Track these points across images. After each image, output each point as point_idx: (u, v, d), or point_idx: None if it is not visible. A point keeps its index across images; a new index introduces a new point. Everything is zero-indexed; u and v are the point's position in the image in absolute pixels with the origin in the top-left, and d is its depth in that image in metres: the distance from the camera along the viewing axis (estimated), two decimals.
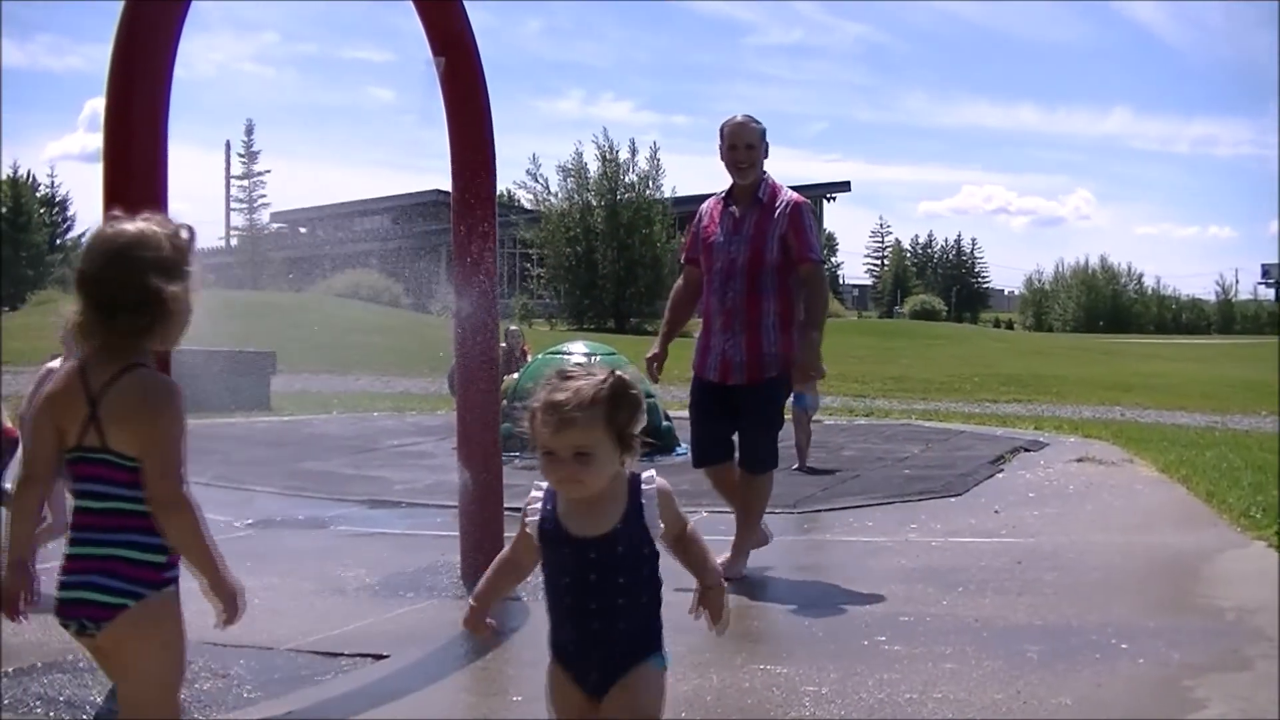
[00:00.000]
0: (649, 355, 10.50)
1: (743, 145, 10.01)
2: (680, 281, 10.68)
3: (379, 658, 7.64)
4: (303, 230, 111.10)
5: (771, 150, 10.11)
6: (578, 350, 19.57)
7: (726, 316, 9.92)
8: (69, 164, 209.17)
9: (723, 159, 10.12)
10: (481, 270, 9.75)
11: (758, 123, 10.10)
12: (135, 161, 7.24)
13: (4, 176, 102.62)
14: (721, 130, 10.09)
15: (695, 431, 10.31)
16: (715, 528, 12.12)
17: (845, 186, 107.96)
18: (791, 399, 17.52)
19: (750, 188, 10.04)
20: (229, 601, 4.65)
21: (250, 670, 7.41)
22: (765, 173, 10.12)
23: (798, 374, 9.84)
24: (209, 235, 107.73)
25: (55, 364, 4.45)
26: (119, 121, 7.26)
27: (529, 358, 21.35)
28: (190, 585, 4.40)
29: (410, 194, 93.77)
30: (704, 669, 7.27)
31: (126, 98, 7.27)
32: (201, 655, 7.52)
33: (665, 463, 17.21)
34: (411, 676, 7.36)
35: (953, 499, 13.75)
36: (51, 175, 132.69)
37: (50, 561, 4.66)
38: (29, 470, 4.56)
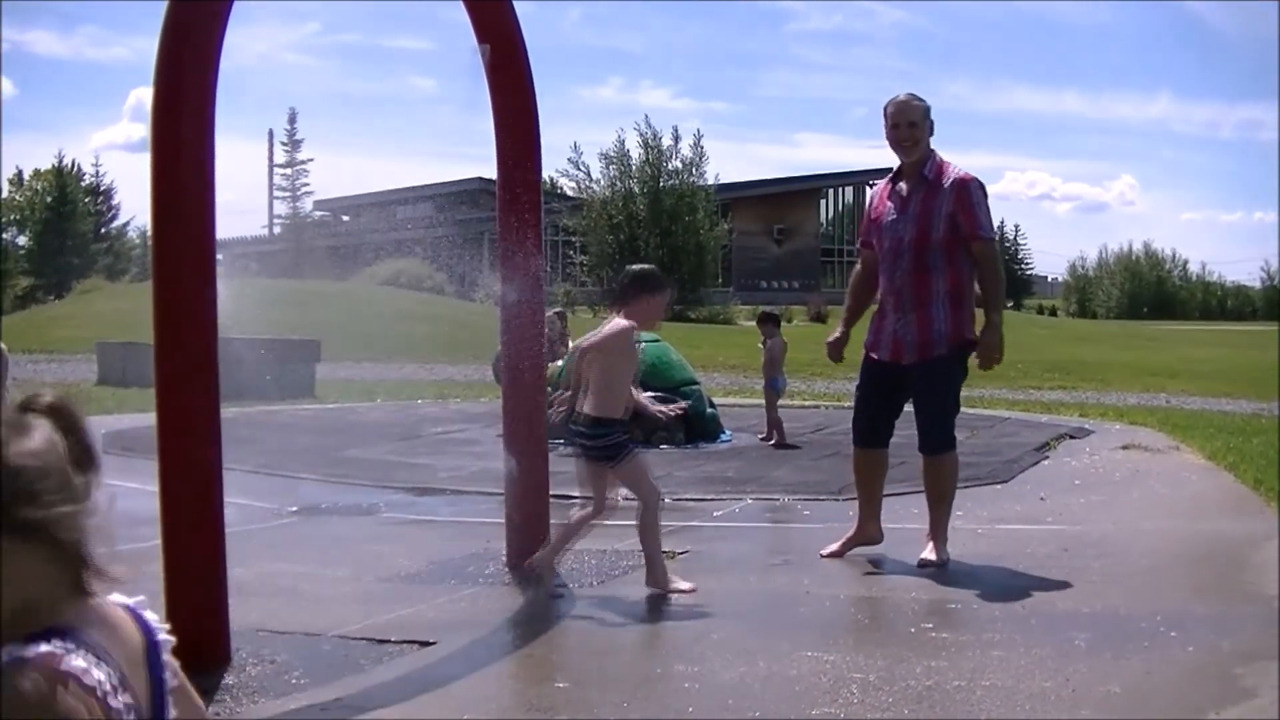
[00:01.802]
0: (830, 339, 10.46)
1: (905, 123, 9.95)
2: (858, 265, 10.62)
3: (426, 644, 7.65)
4: (345, 219, 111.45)
5: (811, 137, 10.07)
6: None
7: (897, 296, 9.87)
8: (114, 153, 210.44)
9: (887, 138, 10.08)
10: (528, 259, 9.75)
11: (920, 100, 10.02)
12: (183, 152, 7.27)
13: (49, 166, 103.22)
14: (885, 110, 10.05)
15: (860, 411, 10.25)
16: (760, 514, 12.17)
17: (887, 173, 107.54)
18: (769, 380, 17.81)
19: (916, 165, 9.96)
20: None
21: (298, 657, 7.43)
22: (932, 150, 10.04)
23: (982, 356, 9.77)
24: (252, 224, 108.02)
25: None
26: (167, 113, 7.29)
27: (570, 344, 21.34)
28: (236, 575, 4.40)
29: (453, 182, 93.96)
30: (750, 657, 7.26)
31: (174, 89, 7.29)
32: (249, 642, 7.56)
33: (709, 450, 17.21)
34: (459, 663, 7.38)
35: (998, 486, 13.70)
36: (96, 165, 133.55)
37: None
38: None
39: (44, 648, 2.15)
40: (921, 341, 9.78)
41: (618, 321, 9.17)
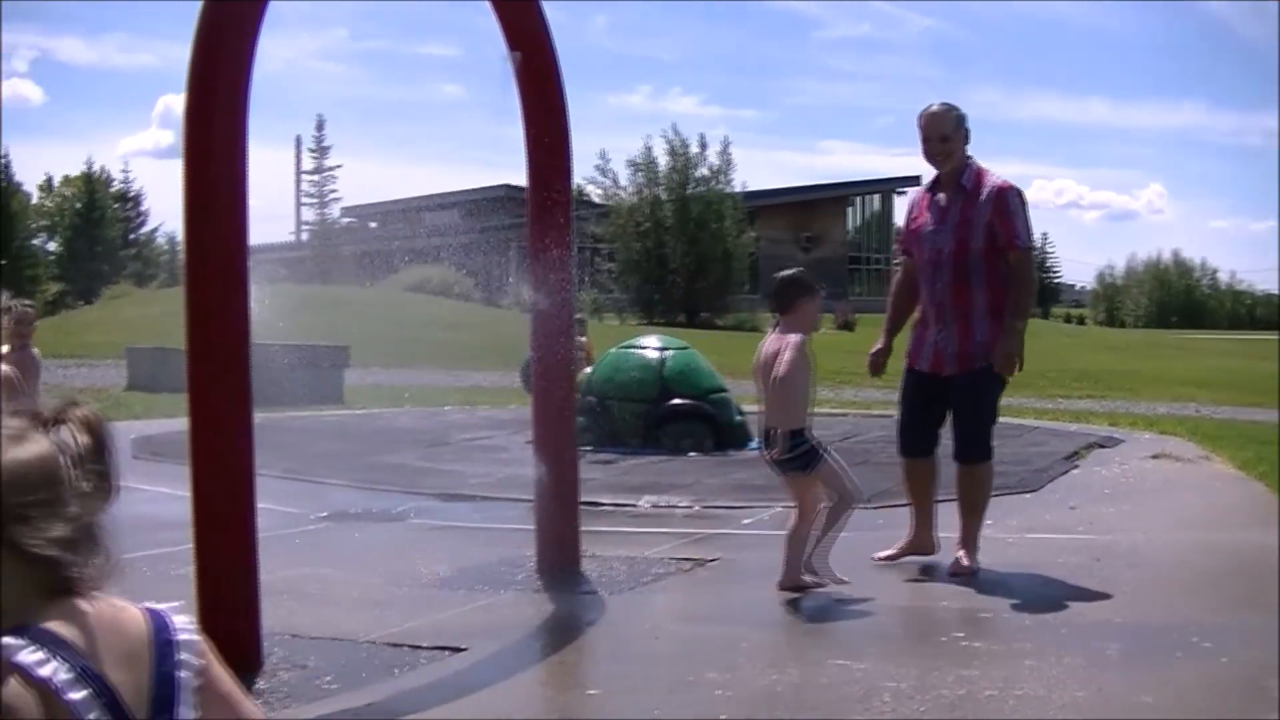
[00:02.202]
0: (873, 350, 10.45)
1: (936, 138, 9.92)
2: (899, 274, 10.60)
3: (457, 650, 7.65)
4: (373, 225, 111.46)
5: (838, 145, 10.05)
6: (651, 343, 19.54)
7: (938, 307, 9.85)
8: (142, 160, 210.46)
9: (921, 151, 10.04)
10: (558, 266, 9.76)
11: (952, 109, 9.97)
12: (216, 158, 7.29)
13: (79, 173, 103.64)
14: (918, 121, 10.00)
15: (903, 422, 10.24)
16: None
17: (914, 180, 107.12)
18: None
19: (953, 175, 9.93)
20: None
21: (329, 662, 7.44)
22: (969, 158, 9.99)
23: (999, 361, 9.69)
24: (280, 230, 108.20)
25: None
26: (200, 118, 7.30)
27: (590, 353, 21.35)
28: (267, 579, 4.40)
29: (480, 189, 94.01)
30: (782, 664, 7.27)
31: (207, 95, 7.31)
32: (280, 647, 7.58)
33: (737, 458, 17.19)
34: (490, 670, 7.38)
35: (1028, 495, 13.66)
36: (125, 171, 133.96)
37: None
38: None
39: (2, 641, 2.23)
40: (962, 353, 9.76)
41: (791, 338, 9.14)
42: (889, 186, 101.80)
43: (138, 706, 2.35)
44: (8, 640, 2.25)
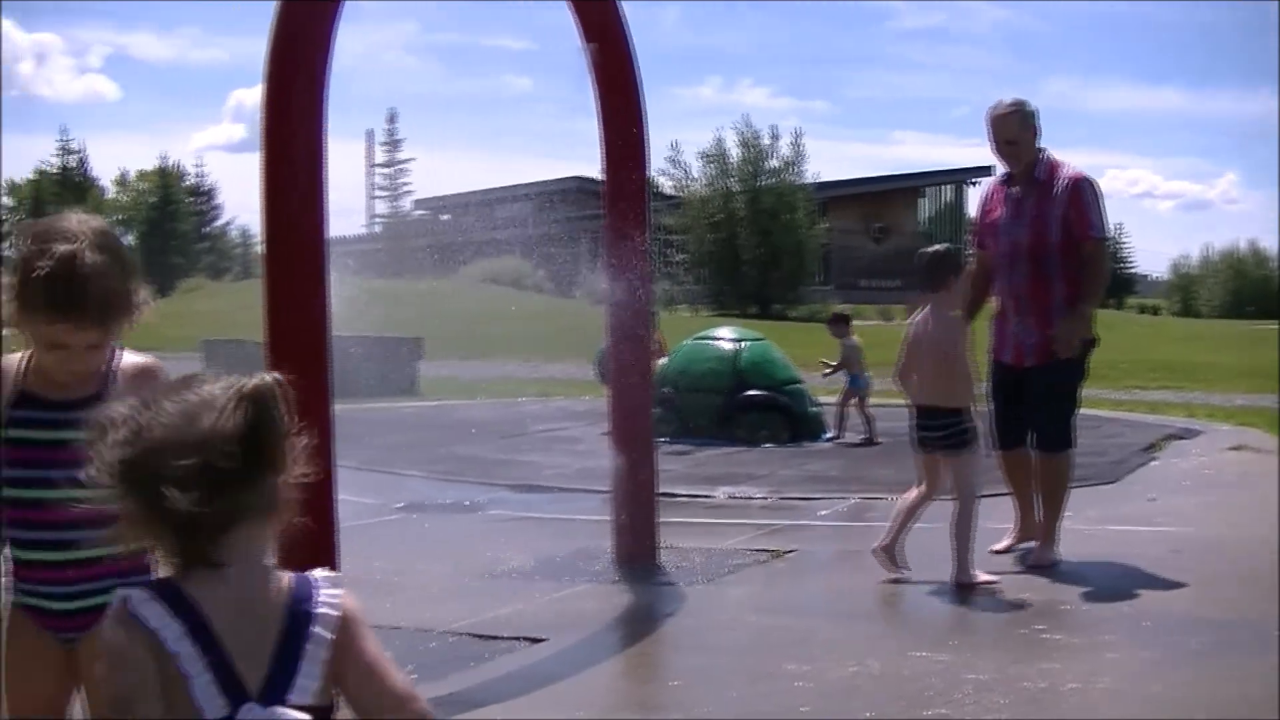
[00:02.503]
0: None
1: (1003, 140, 9.96)
2: (974, 266, 10.57)
3: (537, 641, 7.67)
4: (444, 217, 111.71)
5: (910, 135, 10.02)
6: (726, 335, 19.54)
7: (1016, 300, 9.83)
8: (215, 154, 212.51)
9: (991, 150, 10.12)
10: (634, 258, 9.76)
11: (1018, 108, 9.97)
12: (295, 153, 7.31)
13: (153, 167, 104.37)
14: (987, 120, 10.03)
15: (996, 414, 10.20)
16: (865, 513, 12.12)
17: (986, 171, 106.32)
18: (849, 379, 17.78)
19: (1026, 169, 9.94)
20: None
21: (409, 652, 7.46)
22: (1041, 150, 10.00)
23: (1060, 341, 9.64)
24: (352, 224, 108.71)
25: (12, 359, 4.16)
26: (278, 112, 7.33)
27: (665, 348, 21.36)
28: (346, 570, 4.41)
29: (551, 180, 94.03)
30: (860, 656, 7.24)
31: (286, 89, 7.33)
32: None
33: (812, 449, 17.17)
34: (569, 660, 7.40)
35: (1106, 486, 13.55)
36: (198, 165, 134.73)
37: None
38: None
39: (128, 591, 2.53)
40: (1041, 345, 9.72)
41: (950, 315, 9.21)
42: (961, 177, 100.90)
43: (255, 670, 2.49)
44: (133, 591, 2.53)
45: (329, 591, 2.62)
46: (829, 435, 17.97)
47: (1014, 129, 9.91)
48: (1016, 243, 9.79)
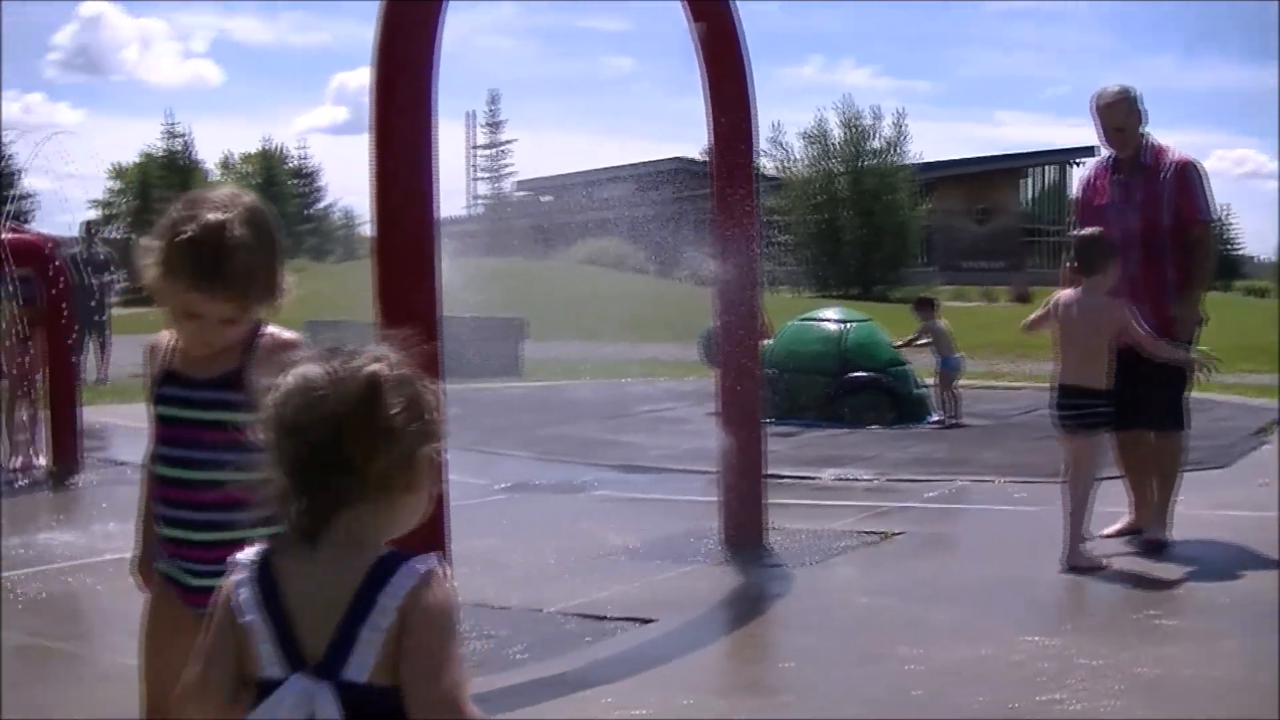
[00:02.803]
0: (1035, 315, 10.40)
1: (1112, 128, 9.96)
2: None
3: (646, 622, 7.67)
4: (545, 199, 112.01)
5: (1013, 115, 9.95)
6: (831, 316, 19.49)
7: (1130, 284, 9.77)
8: (317, 136, 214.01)
9: (1098, 135, 10.11)
10: (742, 238, 9.73)
11: (1124, 96, 9.93)
12: (404, 139, 7.35)
13: (256, 150, 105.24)
14: (1093, 106, 9.99)
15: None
16: (973, 496, 12.05)
17: (1090, 151, 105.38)
18: (940, 360, 17.68)
19: (1132, 154, 9.94)
20: None
21: (518, 632, 7.50)
22: (1144, 134, 9.99)
23: (1179, 325, 9.65)
24: (452, 205, 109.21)
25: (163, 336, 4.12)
26: (388, 94, 7.36)
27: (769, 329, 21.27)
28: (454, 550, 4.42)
29: (651, 162, 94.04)
30: (972, 640, 7.19)
31: (394, 72, 7.37)
32: (470, 617, 7.63)
33: (918, 431, 17.09)
34: (678, 641, 7.39)
35: (1216, 471, 13.37)
36: (301, 147, 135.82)
37: None
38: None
39: (238, 556, 2.73)
40: (1154, 328, 9.63)
41: (1100, 298, 9.18)
42: (1065, 158, 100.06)
43: (318, 644, 2.56)
44: (239, 557, 2.71)
45: (403, 580, 2.59)
46: (934, 418, 17.86)
47: (1121, 116, 9.88)
48: (1126, 228, 9.72)
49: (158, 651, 4.11)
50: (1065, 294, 9.33)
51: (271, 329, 4.12)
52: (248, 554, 2.71)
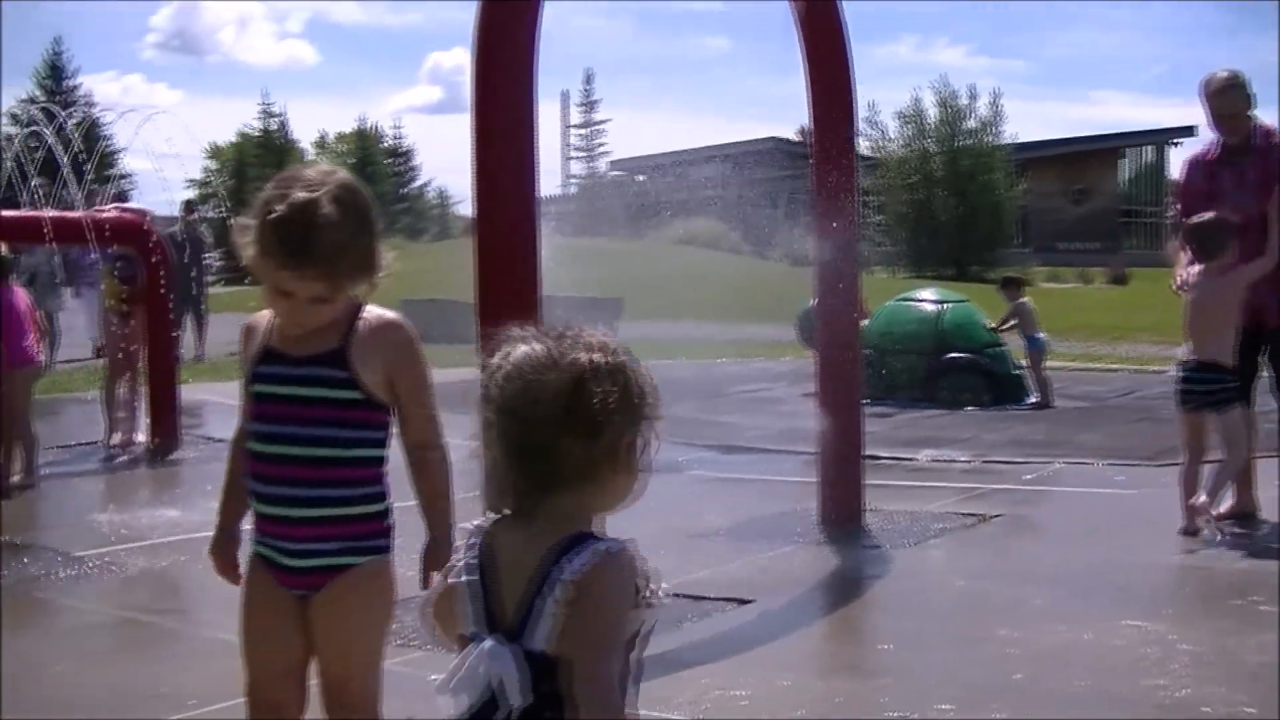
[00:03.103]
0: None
1: (1223, 115, 9.91)
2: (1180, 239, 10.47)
3: (744, 602, 7.66)
4: (640, 178, 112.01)
5: (1110, 95, 9.88)
6: (927, 296, 19.41)
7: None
8: (412, 116, 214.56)
9: (1208, 121, 10.05)
10: (842, 217, 9.69)
11: (1234, 82, 9.88)
12: (505, 119, 7.38)
13: (351, 129, 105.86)
14: (1202, 92, 9.93)
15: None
16: (1072, 478, 11.95)
17: (1190, 131, 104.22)
18: (1025, 341, 17.56)
19: (1243, 138, 9.89)
20: (430, 561, 4.18)
21: None
22: (1250, 117, 9.94)
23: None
24: (547, 184, 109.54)
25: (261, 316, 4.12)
26: (489, 75, 7.39)
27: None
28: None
29: (746, 141, 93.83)
30: (1073, 624, 7.14)
31: (495, 57, 7.39)
32: None
33: (1015, 412, 16.98)
34: (778, 622, 7.39)
35: None
36: (396, 127, 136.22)
37: None
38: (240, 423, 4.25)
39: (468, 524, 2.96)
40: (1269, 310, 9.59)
41: (1221, 278, 9.24)
42: (1163, 138, 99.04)
43: (512, 611, 2.78)
44: (475, 523, 2.93)
45: (582, 558, 2.78)
46: (1031, 399, 17.74)
47: (1231, 103, 9.82)
48: (1241, 212, 9.61)
49: (256, 634, 4.12)
50: (1193, 270, 9.32)
51: (371, 309, 4.12)
52: (478, 522, 2.93)
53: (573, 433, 2.76)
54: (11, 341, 11.44)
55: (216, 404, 16.19)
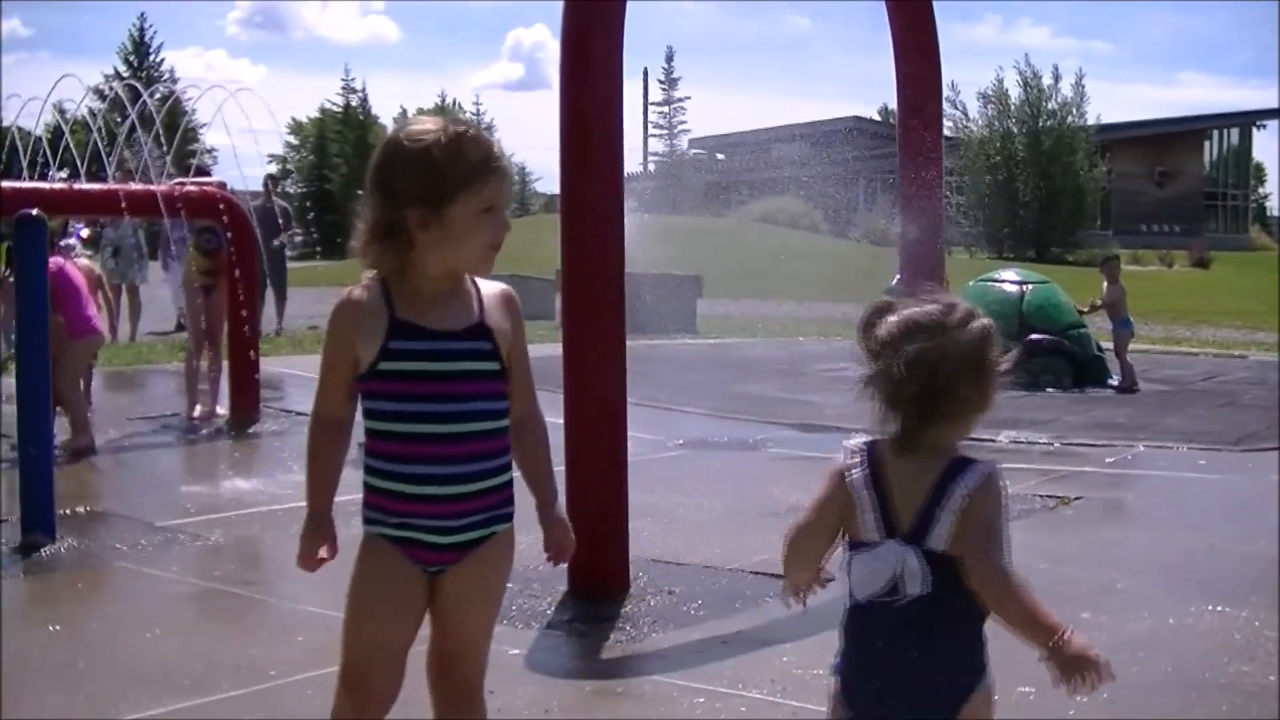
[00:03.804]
0: None
1: None
2: None
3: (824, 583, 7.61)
4: (720, 156, 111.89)
5: (1194, 77, 9.79)
6: (1009, 277, 19.30)
7: None
8: (493, 92, 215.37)
9: None
10: (928, 196, 9.64)
11: None
12: (594, 95, 7.37)
13: (432, 105, 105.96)
14: None
15: None
16: (1154, 462, 11.88)
17: (1276, 114, 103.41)
18: (1114, 324, 17.44)
19: None
20: (567, 532, 4.23)
21: (696, 588, 7.52)
22: None
23: None
24: (628, 161, 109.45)
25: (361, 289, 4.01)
26: (579, 52, 7.37)
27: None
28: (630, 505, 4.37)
29: (826, 120, 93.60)
30: (1157, 609, 7.12)
31: (584, 35, 7.37)
32: (646, 571, 7.68)
33: (1096, 395, 16.86)
34: None
35: None
36: (476, 103, 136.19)
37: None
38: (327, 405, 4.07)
39: (847, 443, 3.63)
40: None
41: None
42: (1248, 120, 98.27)
43: (907, 522, 3.44)
44: (849, 444, 3.60)
45: (972, 477, 3.44)
46: (1113, 382, 17.60)
47: None
48: None
49: (377, 614, 3.99)
50: None
51: (482, 282, 4.04)
52: (856, 443, 3.58)
53: (974, 381, 3.45)
54: (70, 312, 11.53)
55: (296, 377, 16.27)
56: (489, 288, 4.04)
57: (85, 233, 17.27)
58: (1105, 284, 18.11)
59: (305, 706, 5.60)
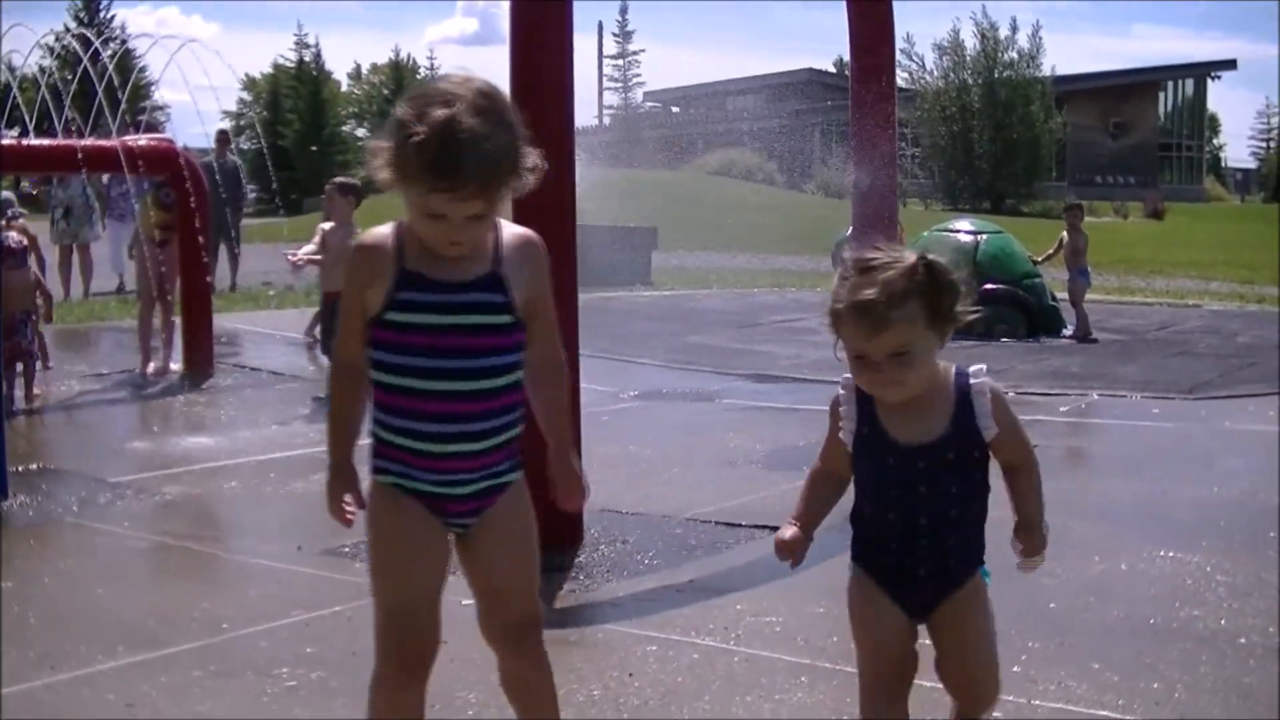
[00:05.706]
0: None
1: None
2: None
3: (775, 529, 7.61)
4: (675, 110, 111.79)
5: (1149, 29, 9.78)
6: (964, 227, 19.32)
7: None
8: (448, 47, 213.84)
9: None
10: (881, 147, 9.63)
11: None
12: (543, 43, 7.34)
13: (386, 60, 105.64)
14: None
15: None
16: (1108, 411, 11.92)
17: (1229, 65, 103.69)
18: (1072, 273, 17.50)
19: None
20: (577, 480, 4.14)
21: (648, 538, 7.53)
22: None
23: None
24: (582, 114, 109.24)
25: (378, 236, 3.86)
26: (526, 9, 7.35)
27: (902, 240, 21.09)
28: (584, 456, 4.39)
29: (783, 73, 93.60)
30: (1109, 554, 7.16)
31: None
32: (598, 522, 7.67)
33: (1052, 344, 16.90)
34: (812, 550, 7.34)
35: None
36: (431, 58, 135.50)
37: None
38: (345, 351, 3.96)
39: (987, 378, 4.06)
40: None
41: None
42: (1202, 71, 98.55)
43: (920, 436, 3.97)
44: (845, 380, 4.08)
45: (975, 370, 4.06)
46: (1067, 331, 17.65)
47: None
48: None
49: (409, 564, 3.88)
50: None
51: (505, 224, 3.91)
52: (847, 380, 4.02)
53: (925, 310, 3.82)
54: None
55: (251, 333, 16.21)
56: (510, 232, 3.92)
57: (35, 190, 17.20)
58: (1066, 231, 18.12)
59: (258, 658, 5.59)
